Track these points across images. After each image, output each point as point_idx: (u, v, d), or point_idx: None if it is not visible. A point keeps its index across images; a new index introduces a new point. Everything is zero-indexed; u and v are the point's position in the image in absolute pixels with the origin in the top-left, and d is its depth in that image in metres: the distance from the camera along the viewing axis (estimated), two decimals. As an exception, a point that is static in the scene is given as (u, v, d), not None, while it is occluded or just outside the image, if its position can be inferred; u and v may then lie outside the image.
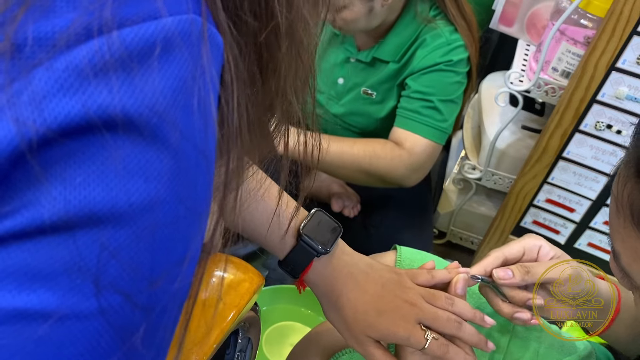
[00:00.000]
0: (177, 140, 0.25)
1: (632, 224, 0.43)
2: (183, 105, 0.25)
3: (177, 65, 0.25)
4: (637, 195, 0.42)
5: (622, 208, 0.44)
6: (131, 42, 0.23)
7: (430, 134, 1.11)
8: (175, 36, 0.24)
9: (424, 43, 1.11)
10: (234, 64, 0.29)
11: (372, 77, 1.18)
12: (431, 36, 1.11)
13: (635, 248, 0.44)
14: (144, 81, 0.24)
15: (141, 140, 0.24)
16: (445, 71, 1.10)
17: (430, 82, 1.10)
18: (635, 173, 0.43)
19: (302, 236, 0.59)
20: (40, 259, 0.23)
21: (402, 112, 1.13)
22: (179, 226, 0.26)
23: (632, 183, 0.43)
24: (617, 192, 0.45)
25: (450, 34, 1.11)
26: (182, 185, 0.26)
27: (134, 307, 0.25)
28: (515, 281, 0.62)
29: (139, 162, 0.24)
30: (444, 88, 1.11)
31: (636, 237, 0.43)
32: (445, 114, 1.11)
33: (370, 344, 0.59)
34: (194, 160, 0.26)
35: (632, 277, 0.46)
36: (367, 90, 1.19)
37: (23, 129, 0.22)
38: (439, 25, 1.11)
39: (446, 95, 1.11)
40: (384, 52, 1.15)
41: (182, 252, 0.27)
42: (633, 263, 0.45)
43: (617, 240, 0.46)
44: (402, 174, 1.12)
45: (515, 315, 0.63)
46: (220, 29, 0.28)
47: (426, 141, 1.11)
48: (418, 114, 1.11)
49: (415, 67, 1.11)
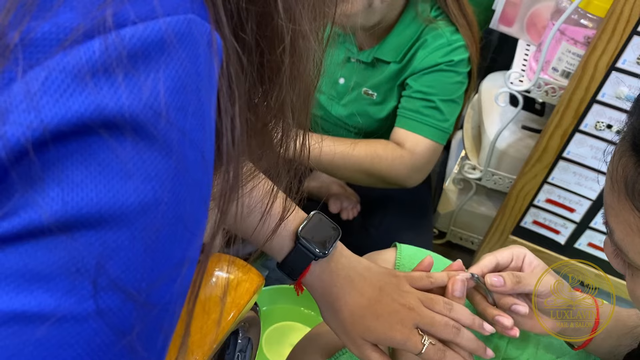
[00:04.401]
0: (176, 140, 0.25)
1: (626, 196, 0.44)
2: (182, 105, 0.25)
3: (176, 65, 0.24)
4: (631, 167, 0.43)
5: (616, 182, 0.45)
6: (129, 42, 0.23)
7: (431, 134, 1.11)
8: (173, 36, 0.24)
9: (425, 43, 1.11)
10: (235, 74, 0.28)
11: (373, 78, 1.18)
12: (432, 36, 1.11)
13: (628, 221, 0.44)
14: (142, 81, 0.23)
15: (139, 141, 0.24)
16: (447, 71, 1.10)
17: (431, 82, 1.10)
18: (630, 147, 0.44)
19: (300, 239, 0.59)
20: (38, 261, 0.23)
21: (403, 112, 1.13)
22: (178, 227, 0.26)
23: (627, 156, 0.44)
24: (612, 168, 0.46)
25: (451, 34, 1.11)
26: (182, 186, 0.25)
27: (132, 308, 0.25)
28: (505, 289, 0.63)
29: (137, 163, 0.24)
30: (445, 88, 1.11)
31: (630, 210, 0.44)
32: (447, 113, 1.11)
33: (367, 347, 0.59)
34: (192, 160, 0.26)
35: (625, 252, 0.47)
36: (367, 91, 1.19)
37: (20, 130, 0.22)
38: (440, 26, 1.11)
39: (447, 95, 1.11)
40: (385, 52, 1.15)
41: (182, 253, 0.27)
42: (626, 237, 0.46)
43: (611, 216, 0.47)
44: (403, 175, 1.12)
45: (496, 318, 0.64)
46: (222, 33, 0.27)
47: (427, 141, 1.11)
48: (419, 114, 1.11)
49: (417, 67, 1.11)
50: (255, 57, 0.31)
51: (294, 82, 0.33)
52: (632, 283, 0.50)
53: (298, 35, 0.31)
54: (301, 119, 0.37)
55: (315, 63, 0.35)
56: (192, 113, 0.25)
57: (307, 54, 0.33)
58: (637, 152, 0.43)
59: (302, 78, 0.34)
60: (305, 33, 0.31)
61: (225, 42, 0.28)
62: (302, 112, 0.36)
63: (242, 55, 0.29)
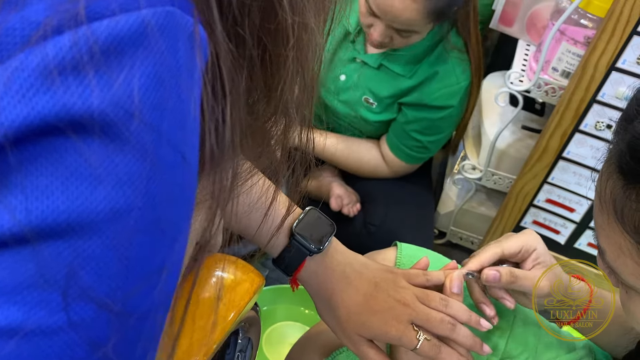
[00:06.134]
0: (151, 141, 0.23)
1: (615, 219, 0.43)
2: (158, 103, 0.23)
3: (152, 61, 0.23)
4: (619, 191, 0.43)
5: (605, 204, 0.45)
6: (100, 36, 0.21)
7: (412, 161, 1.29)
8: (150, 30, 0.23)
9: (436, 77, 1.17)
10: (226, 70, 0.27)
11: (377, 85, 1.21)
12: (444, 70, 1.16)
13: (619, 244, 0.44)
14: (114, 79, 0.22)
15: (109, 143, 0.22)
16: (445, 110, 1.19)
17: (428, 125, 1.21)
18: (616, 169, 0.43)
19: (294, 235, 0.59)
20: (2, 273, 0.22)
21: (394, 140, 1.26)
22: (155, 233, 0.24)
23: (614, 179, 0.44)
24: (600, 189, 0.46)
25: (461, 73, 1.16)
26: (158, 190, 0.24)
27: (107, 319, 0.23)
28: (499, 285, 0.65)
29: (108, 167, 0.22)
30: (438, 128, 1.23)
31: (620, 233, 0.43)
32: (432, 150, 1.28)
33: (364, 343, 0.59)
34: (171, 162, 0.24)
35: (618, 272, 0.46)
36: (368, 99, 1.22)
37: None
38: (453, 58, 1.16)
39: (438, 134, 1.24)
40: (395, 62, 1.17)
41: (161, 258, 0.25)
42: (617, 259, 0.45)
43: (601, 237, 0.47)
44: (385, 176, 1.32)
45: (480, 305, 0.66)
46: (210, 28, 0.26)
47: (407, 165, 1.30)
48: (407, 148, 1.26)
49: (422, 99, 1.18)
50: (257, 52, 0.29)
51: (297, 77, 0.32)
52: (626, 298, 0.50)
53: (302, 29, 0.29)
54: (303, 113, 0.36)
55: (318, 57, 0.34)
56: (170, 111, 0.24)
57: (312, 48, 0.31)
58: (624, 175, 0.42)
59: (306, 73, 0.32)
60: (310, 26, 0.30)
61: (214, 37, 0.26)
62: (305, 107, 0.35)
63: (235, 50, 0.27)
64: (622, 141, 0.43)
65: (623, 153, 0.42)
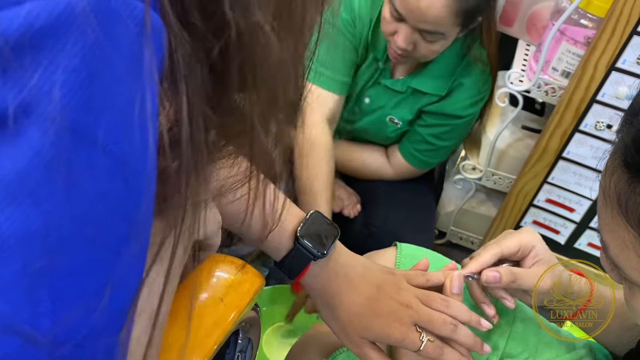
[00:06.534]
0: (76, 148, 0.20)
1: (620, 213, 0.43)
2: (86, 102, 0.20)
3: (80, 53, 0.19)
4: (623, 184, 0.43)
5: (609, 198, 0.45)
6: (10, 28, 0.18)
7: (422, 166, 1.29)
8: (76, 16, 0.19)
9: (460, 88, 1.17)
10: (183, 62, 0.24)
11: (403, 110, 1.21)
12: (468, 83, 1.16)
13: (622, 238, 0.44)
14: (28, 78, 0.19)
15: (15, 151, 0.19)
16: (465, 118, 1.20)
17: (446, 130, 1.22)
18: (621, 163, 0.43)
19: (299, 239, 0.58)
20: None
21: (406, 144, 1.26)
22: (86, 252, 0.21)
23: (619, 173, 0.44)
24: (605, 183, 0.46)
25: (483, 84, 1.17)
26: (86, 204, 0.21)
27: (35, 350, 0.21)
28: (499, 286, 0.65)
29: (21, 183, 0.19)
30: (456, 133, 1.24)
31: (624, 227, 0.43)
32: (443, 155, 1.30)
33: (366, 345, 0.59)
34: (104, 168, 0.21)
35: (621, 267, 0.46)
36: (393, 119, 1.24)
37: None
38: (475, 69, 1.16)
39: (453, 139, 1.25)
40: (423, 82, 1.17)
41: (98, 278, 0.22)
42: (621, 253, 0.45)
43: (605, 232, 0.47)
44: (388, 178, 1.32)
45: (481, 305, 0.67)
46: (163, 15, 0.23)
47: (414, 170, 1.30)
48: (419, 153, 1.26)
49: (444, 109, 1.18)
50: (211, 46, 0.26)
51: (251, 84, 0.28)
52: (629, 294, 0.50)
53: (249, 29, 0.26)
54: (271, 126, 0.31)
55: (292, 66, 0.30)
56: (104, 110, 0.21)
57: (269, 53, 0.27)
58: (629, 168, 0.42)
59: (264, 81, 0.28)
60: (261, 28, 0.26)
61: (170, 27, 0.23)
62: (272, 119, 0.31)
63: (190, 42, 0.24)
64: (627, 135, 0.43)
65: (628, 147, 0.43)
